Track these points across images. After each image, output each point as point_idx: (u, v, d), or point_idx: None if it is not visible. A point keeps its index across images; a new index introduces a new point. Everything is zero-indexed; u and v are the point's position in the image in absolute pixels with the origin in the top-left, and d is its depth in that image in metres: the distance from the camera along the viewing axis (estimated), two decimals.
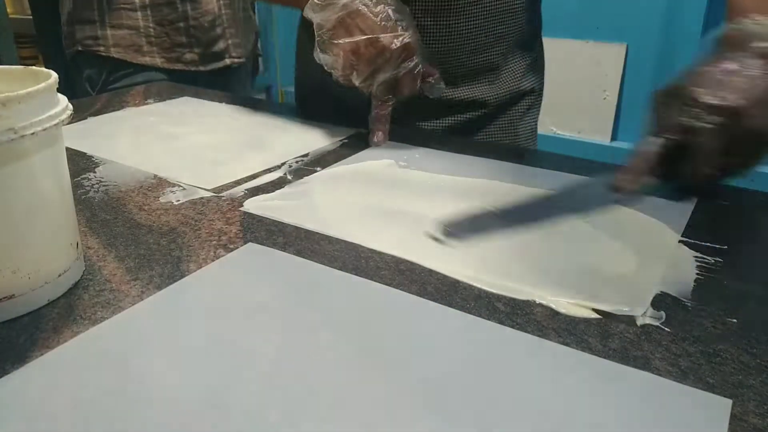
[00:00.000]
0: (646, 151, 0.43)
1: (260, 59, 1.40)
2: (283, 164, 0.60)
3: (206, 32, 1.09)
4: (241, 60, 1.16)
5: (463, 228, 0.43)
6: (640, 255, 0.42)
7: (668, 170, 0.44)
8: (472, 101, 0.75)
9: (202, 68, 1.11)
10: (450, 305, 0.37)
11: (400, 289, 0.38)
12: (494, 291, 0.38)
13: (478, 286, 0.39)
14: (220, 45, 1.12)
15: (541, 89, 0.82)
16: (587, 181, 0.44)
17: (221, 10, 1.11)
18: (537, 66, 0.80)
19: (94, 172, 0.58)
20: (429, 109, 0.74)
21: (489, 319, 0.35)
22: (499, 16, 0.71)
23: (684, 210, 0.49)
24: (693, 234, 0.45)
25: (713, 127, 0.42)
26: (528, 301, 0.37)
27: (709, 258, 0.42)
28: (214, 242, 0.44)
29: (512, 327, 0.35)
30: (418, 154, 0.63)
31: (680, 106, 0.44)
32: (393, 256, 0.42)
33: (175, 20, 1.06)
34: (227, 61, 1.14)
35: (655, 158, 0.44)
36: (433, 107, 0.74)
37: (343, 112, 0.74)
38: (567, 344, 0.33)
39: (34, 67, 0.40)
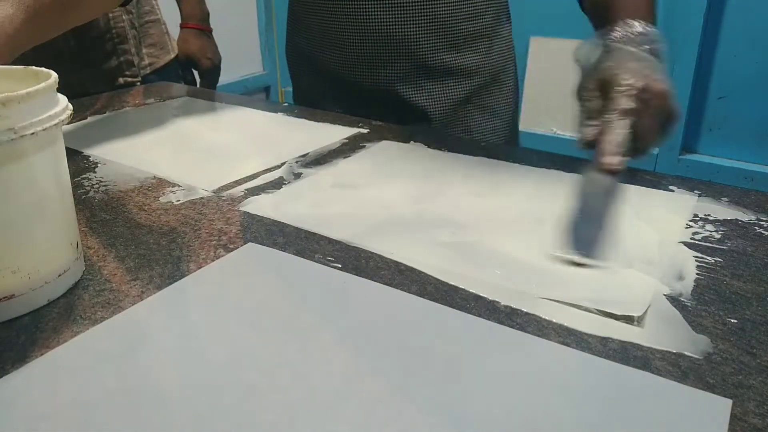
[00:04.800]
0: (618, 132, 0.48)
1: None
2: (283, 164, 0.60)
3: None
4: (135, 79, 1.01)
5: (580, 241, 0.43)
6: (640, 255, 0.42)
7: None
8: (470, 68, 0.78)
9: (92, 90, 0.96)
10: (450, 305, 0.37)
11: (400, 289, 0.38)
12: (494, 292, 0.38)
13: (475, 291, 0.39)
14: (112, 63, 0.98)
15: (516, 67, 0.87)
16: (585, 179, 0.46)
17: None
18: (511, 41, 0.85)
19: (94, 172, 0.58)
20: (433, 74, 0.77)
21: (489, 319, 0.35)
22: None
23: (684, 210, 0.49)
24: (693, 234, 0.45)
25: (654, 109, 0.49)
26: (528, 301, 0.37)
27: (709, 258, 0.42)
28: (214, 242, 0.44)
29: (512, 327, 0.35)
30: (418, 153, 0.63)
31: (623, 94, 0.49)
32: (392, 258, 0.42)
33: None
34: (120, 80, 0.99)
35: (625, 138, 0.48)
36: (436, 72, 0.77)
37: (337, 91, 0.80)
38: (567, 344, 0.33)
39: (34, 67, 0.40)
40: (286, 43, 0.89)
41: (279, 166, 0.59)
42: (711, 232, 0.46)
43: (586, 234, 0.43)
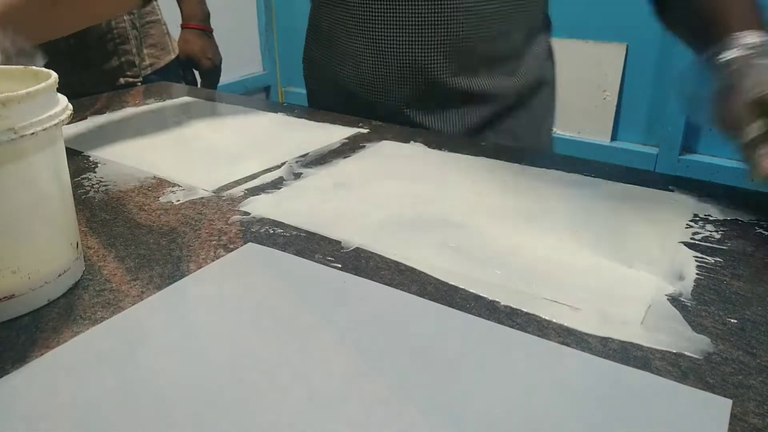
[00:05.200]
0: None
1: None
2: (283, 164, 0.60)
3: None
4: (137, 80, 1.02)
5: None
6: (640, 255, 0.42)
7: None
8: (491, 92, 0.74)
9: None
10: (450, 305, 0.37)
11: (400, 289, 0.38)
12: (494, 292, 0.38)
13: (475, 291, 0.39)
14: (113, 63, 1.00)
15: (554, 82, 0.82)
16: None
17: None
18: (551, 55, 0.81)
19: (94, 172, 0.58)
20: (449, 98, 0.74)
21: (489, 319, 0.35)
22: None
23: (684, 210, 0.49)
24: (693, 234, 0.45)
25: None
26: (528, 301, 0.37)
27: (709, 258, 0.42)
28: (214, 242, 0.44)
29: (512, 327, 0.35)
30: (418, 153, 0.63)
31: None
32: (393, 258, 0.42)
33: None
34: (121, 80, 1.01)
35: None
36: (453, 97, 0.73)
37: (354, 105, 0.76)
38: (567, 344, 0.33)
39: (34, 67, 0.40)
40: (303, 51, 0.87)
41: (279, 166, 0.59)
42: (711, 232, 0.46)
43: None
